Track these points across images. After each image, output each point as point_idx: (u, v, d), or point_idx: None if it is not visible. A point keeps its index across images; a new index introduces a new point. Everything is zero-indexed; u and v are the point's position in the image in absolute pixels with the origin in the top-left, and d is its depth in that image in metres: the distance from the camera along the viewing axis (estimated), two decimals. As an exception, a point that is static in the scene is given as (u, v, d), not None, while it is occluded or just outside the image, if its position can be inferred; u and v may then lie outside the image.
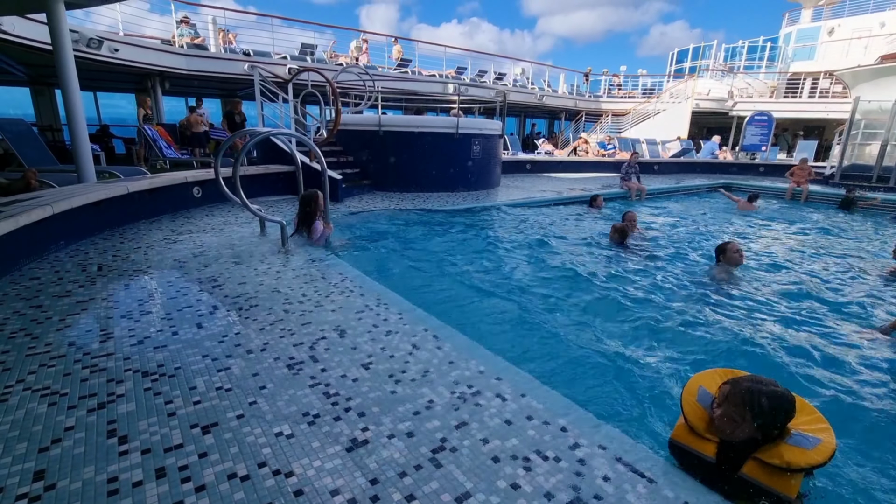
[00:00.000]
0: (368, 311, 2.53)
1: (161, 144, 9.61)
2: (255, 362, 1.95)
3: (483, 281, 4.35)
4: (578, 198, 8.32)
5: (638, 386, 2.71)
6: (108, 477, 1.30)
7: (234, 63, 11.83)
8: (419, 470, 1.37)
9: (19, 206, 3.17)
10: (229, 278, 2.99)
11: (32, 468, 1.32)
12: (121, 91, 14.83)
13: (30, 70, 11.12)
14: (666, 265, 4.87)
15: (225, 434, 1.49)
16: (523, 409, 1.69)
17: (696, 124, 19.54)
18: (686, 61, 23.01)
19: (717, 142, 16.31)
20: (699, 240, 6.19)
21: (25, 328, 2.18)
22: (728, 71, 20.91)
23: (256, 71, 6.85)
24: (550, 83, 19.99)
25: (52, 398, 1.65)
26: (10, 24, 7.35)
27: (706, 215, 8.16)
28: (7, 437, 1.44)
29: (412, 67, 15.83)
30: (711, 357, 3.02)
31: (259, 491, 1.27)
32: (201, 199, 5.44)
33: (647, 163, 14.17)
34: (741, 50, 22.43)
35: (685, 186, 10.87)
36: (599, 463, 1.43)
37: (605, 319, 3.55)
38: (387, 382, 1.83)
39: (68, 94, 5.06)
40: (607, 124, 19.69)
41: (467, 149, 7.95)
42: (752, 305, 3.79)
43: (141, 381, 1.78)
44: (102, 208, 3.99)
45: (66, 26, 4.97)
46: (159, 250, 3.58)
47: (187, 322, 2.31)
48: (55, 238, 3.47)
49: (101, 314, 2.38)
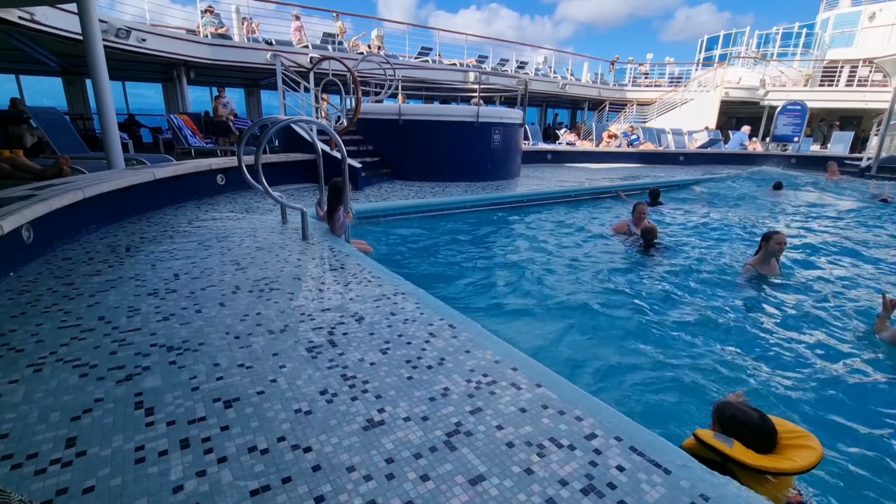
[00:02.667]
0: (386, 299, 2.55)
1: (186, 133, 9.82)
2: (275, 342, 1.99)
3: (500, 272, 4.34)
4: (601, 189, 8.18)
5: (654, 379, 2.67)
6: (135, 445, 1.35)
7: (256, 52, 11.96)
8: (434, 452, 1.39)
9: (52, 191, 3.29)
10: (251, 262, 3.05)
11: (65, 435, 1.38)
12: (147, 81, 15.17)
13: (62, 60, 11.47)
14: (684, 258, 4.77)
15: (246, 409, 1.54)
16: (538, 399, 1.68)
17: (724, 114, 18.92)
18: (716, 48, 22.24)
19: (746, 132, 15.74)
20: (712, 233, 6.01)
21: (58, 304, 2.27)
22: (760, 58, 20.11)
23: (279, 60, 6.90)
24: (573, 71, 19.60)
25: (82, 370, 1.72)
26: (42, 15, 7.57)
27: (723, 205, 7.92)
28: (41, 405, 1.51)
29: (433, 56, 15.71)
30: (728, 356, 2.95)
31: (278, 464, 1.31)
32: (225, 186, 5.55)
33: (672, 153, 13.83)
34: (775, 36, 21.54)
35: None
36: (614, 453, 1.42)
37: (622, 313, 3.51)
38: (403, 367, 1.85)
39: (98, 83, 5.20)
40: (632, 114, 19.22)
41: (487, 138, 7.88)
42: (785, 302, 3.68)
43: (166, 355, 1.84)
44: (130, 194, 4.11)
45: (96, 16, 5.10)
46: (184, 234, 3.68)
47: (211, 301, 2.37)
48: (86, 221, 3.59)
49: (129, 292, 2.46)
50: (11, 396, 1.55)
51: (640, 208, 5.33)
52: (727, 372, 2.73)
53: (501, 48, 18.06)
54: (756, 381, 2.64)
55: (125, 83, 15.17)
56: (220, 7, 12.36)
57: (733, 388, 2.63)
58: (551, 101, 21.28)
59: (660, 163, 13.23)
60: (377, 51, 14.24)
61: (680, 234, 5.88)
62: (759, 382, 2.63)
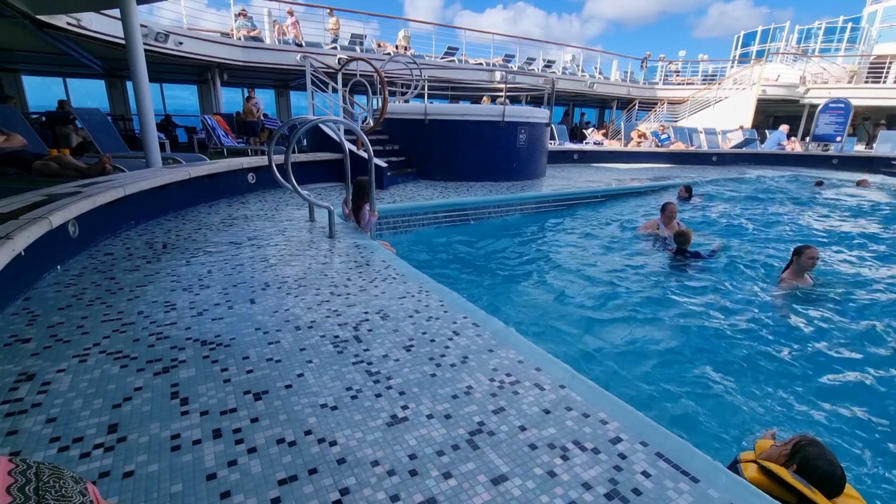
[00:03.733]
0: (410, 297, 2.57)
1: (219, 133, 10.14)
2: (302, 338, 2.04)
3: (525, 272, 4.31)
4: (628, 189, 8.02)
5: (682, 387, 2.61)
6: (171, 434, 1.41)
7: (287, 54, 12.23)
8: (456, 450, 1.40)
9: (96, 188, 3.46)
10: (280, 259, 3.13)
11: (107, 421, 1.46)
12: (183, 83, 15.75)
13: (105, 63, 12.02)
14: (715, 263, 4.62)
15: (274, 402, 1.58)
16: (562, 400, 1.67)
17: (761, 113, 18.23)
18: (753, 45, 21.45)
19: (784, 131, 15.10)
20: (745, 234, 5.79)
21: (101, 297, 2.39)
22: (801, 55, 19.26)
23: (308, 61, 7.05)
24: (602, 70, 19.24)
25: (123, 361, 1.80)
26: (88, 21, 7.96)
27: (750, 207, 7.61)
28: (86, 393, 1.60)
29: (459, 55, 15.71)
30: (763, 371, 2.85)
31: (305, 456, 1.35)
32: (255, 184, 5.70)
33: (704, 153, 13.41)
34: (817, 31, 20.61)
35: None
36: (640, 458, 1.40)
37: (649, 317, 3.43)
38: (427, 365, 1.87)
39: (138, 85, 5.43)
40: (662, 113, 18.73)
41: (513, 137, 7.84)
42: (823, 316, 3.53)
43: (200, 349, 1.91)
44: (167, 191, 4.28)
45: (137, 21, 5.32)
46: (217, 231, 3.81)
47: (241, 297, 2.45)
48: (126, 218, 3.76)
49: (166, 287, 2.57)
50: (59, 384, 1.64)
51: (670, 208, 5.15)
52: (760, 388, 2.64)
53: (528, 47, 17.90)
54: (794, 400, 2.53)
55: (162, 85, 15.80)
56: (253, 10, 12.70)
57: (764, 402, 2.55)
58: (578, 100, 20.96)
59: (691, 163, 12.85)
60: (404, 51, 14.35)
61: (710, 235, 5.71)
62: (796, 401, 2.53)
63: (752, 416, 2.38)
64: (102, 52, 10.04)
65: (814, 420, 2.38)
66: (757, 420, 2.36)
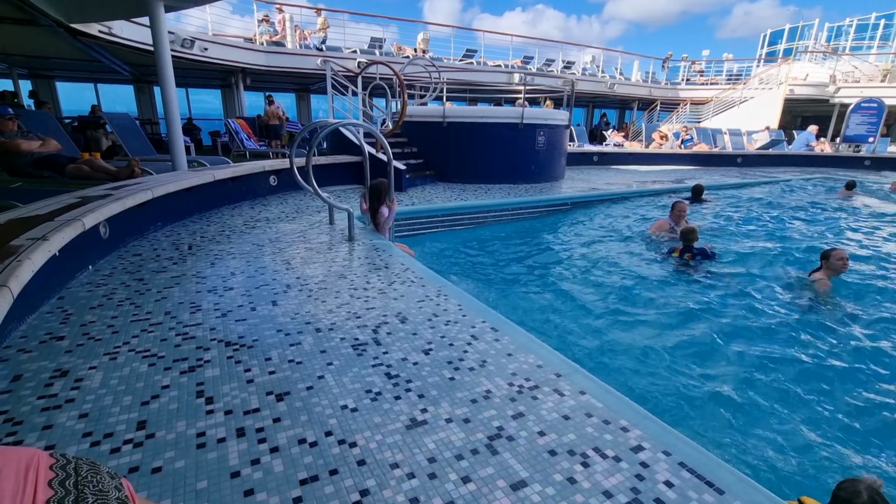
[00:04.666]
0: (429, 300, 2.58)
1: (242, 136, 10.36)
2: (323, 340, 2.07)
3: (544, 277, 4.28)
4: (648, 192, 7.88)
5: (704, 394, 2.55)
6: (196, 432, 1.45)
7: (308, 58, 12.43)
8: (475, 454, 1.40)
9: (126, 191, 3.58)
10: (301, 262, 3.18)
11: (136, 418, 1.50)
12: (207, 87, 16.16)
13: (134, 69, 12.42)
14: (737, 267, 4.50)
15: (296, 403, 1.61)
16: (582, 407, 1.65)
17: (788, 113, 17.72)
18: (780, 43, 20.88)
19: (813, 132, 14.63)
20: (763, 238, 5.61)
21: (130, 298, 2.47)
22: (831, 53, 18.66)
23: (328, 65, 7.15)
24: (623, 71, 19.00)
25: (151, 360, 1.86)
26: (119, 28, 8.24)
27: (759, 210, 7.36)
28: (116, 390, 1.65)
29: (477, 58, 15.72)
30: (791, 378, 2.77)
31: (325, 457, 1.36)
32: (276, 186, 5.81)
33: (729, 154, 13.11)
34: (848, 29, 19.94)
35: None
36: (662, 467, 1.37)
37: (673, 323, 3.37)
38: (445, 369, 1.87)
39: (166, 90, 5.59)
40: (685, 113, 18.37)
41: (531, 140, 7.80)
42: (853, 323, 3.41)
43: (224, 349, 1.96)
44: (192, 194, 4.39)
45: (165, 28, 5.48)
46: (240, 234, 3.89)
47: (264, 299, 2.50)
48: (154, 219, 3.88)
49: (192, 288, 2.64)
50: (91, 381, 1.70)
51: (679, 206, 5.13)
52: (796, 400, 2.56)
53: (547, 49, 17.80)
54: (829, 414, 2.44)
55: (188, 90, 16.23)
56: (276, 16, 12.95)
57: (799, 414, 2.47)
58: (598, 101, 20.74)
59: (715, 165, 12.57)
60: (422, 54, 14.43)
61: (727, 237, 5.56)
62: (832, 415, 2.44)
63: (784, 429, 2.31)
64: (131, 58, 10.37)
65: (856, 444, 2.29)
66: (789, 435, 2.28)
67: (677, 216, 5.11)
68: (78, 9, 6.50)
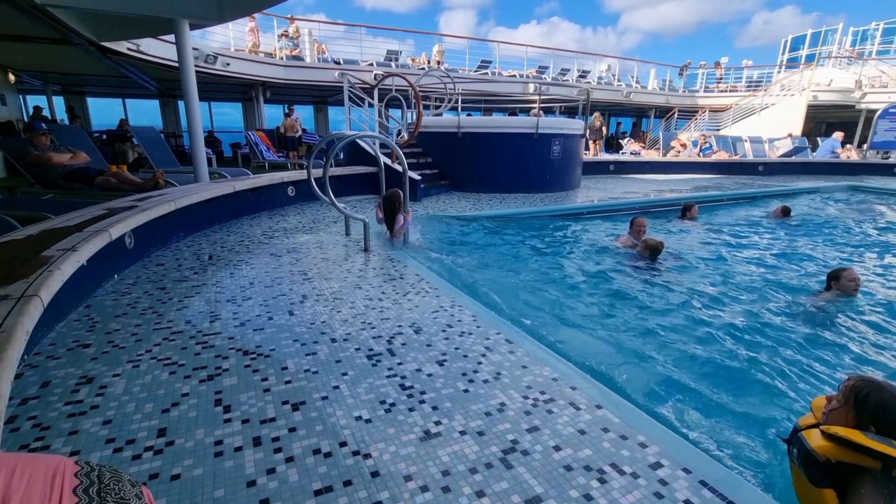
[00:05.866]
0: (443, 311, 2.59)
1: (262, 148, 10.61)
2: (338, 350, 2.09)
3: (559, 288, 4.24)
4: (666, 201, 7.77)
5: (728, 410, 2.48)
6: (214, 440, 1.48)
7: (326, 71, 12.70)
8: (489, 468, 1.39)
9: (151, 202, 3.69)
10: (317, 272, 3.23)
11: (157, 425, 1.54)
12: (229, 101, 16.62)
13: (160, 85, 12.86)
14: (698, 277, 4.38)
15: (311, 413, 1.62)
16: (598, 421, 1.63)
17: (812, 119, 17.33)
18: (802, 48, 20.47)
19: (839, 139, 14.23)
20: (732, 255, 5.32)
21: (153, 307, 2.54)
22: (856, 57, 18.21)
23: (346, 78, 7.29)
24: (639, 79, 18.88)
25: (171, 367, 1.90)
26: (146, 46, 8.57)
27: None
28: (138, 397, 1.69)
29: (492, 69, 15.83)
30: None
31: (340, 468, 1.37)
32: (294, 197, 5.92)
33: (749, 163, 12.85)
34: (874, 33, 19.45)
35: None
36: (681, 485, 1.34)
37: (693, 337, 3.29)
38: (459, 380, 1.87)
39: (189, 104, 5.78)
40: (703, 121, 18.11)
41: (547, 149, 7.79)
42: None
43: (242, 358, 1.99)
44: (214, 204, 4.51)
45: (190, 44, 5.69)
46: (258, 244, 3.97)
47: (281, 309, 2.54)
48: (176, 230, 3.99)
49: (211, 298, 2.69)
50: (115, 388, 1.75)
51: (638, 221, 5.05)
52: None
53: (562, 59, 17.81)
54: None
55: (210, 103, 16.72)
56: (290, 27, 13.28)
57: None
58: (614, 109, 20.62)
59: (735, 173, 12.33)
60: (437, 65, 14.60)
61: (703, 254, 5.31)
62: None
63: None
64: (158, 73, 10.76)
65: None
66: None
67: (637, 231, 5.06)
68: (109, 28, 6.79)
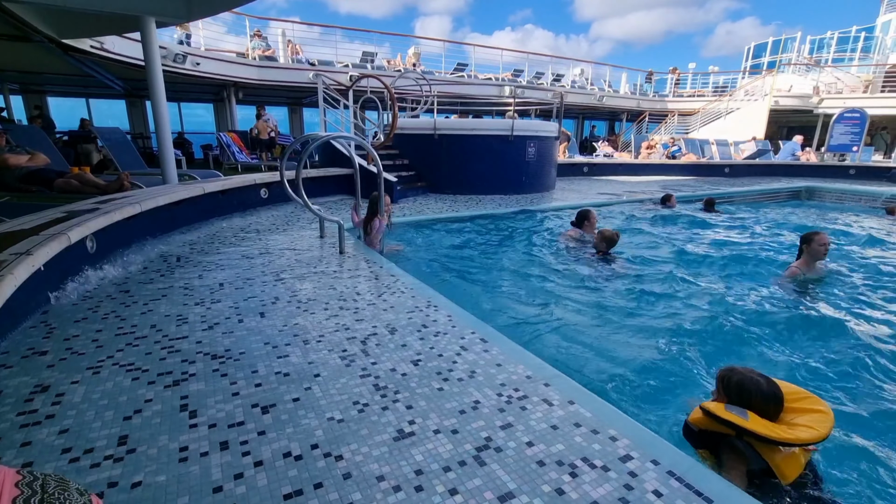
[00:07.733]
0: (419, 311, 2.58)
1: (234, 150, 10.37)
2: (310, 352, 2.05)
3: (534, 288, 4.28)
4: (642, 201, 7.96)
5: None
6: (179, 446, 1.43)
7: (300, 72, 12.52)
8: (463, 466, 1.38)
9: (114, 204, 3.56)
10: (290, 274, 3.17)
11: (118, 433, 1.48)
12: (200, 101, 16.18)
13: (126, 84, 12.42)
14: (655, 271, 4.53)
15: (282, 415, 1.59)
16: (571, 416, 1.65)
17: (774, 123, 18.04)
18: (764, 56, 21.34)
19: (799, 142, 14.90)
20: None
21: (115, 311, 2.44)
22: (814, 65, 19.10)
23: (320, 79, 7.21)
24: (611, 84, 19.32)
25: (134, 374, 1.83)
26: (111, 44, 8.26)
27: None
28: (98, 404, 1.62)
29: (468, 72, 15.92)
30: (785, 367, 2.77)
31: (311, 470, 1.34)
32: (268, 199, 5.80)
33: (716, 165, 13.30)
34: (829, 41, 20.44)
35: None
36: (651, 476, 1.37)
37: (662, 331, 3.37)
38: (434, 380, 1.86)
39: (157, 105, 5.59)
40: (673, 125, 18.66)
41: (522, 151, 7.88)
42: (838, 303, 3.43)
43: (210, 363, 1.93)
44: (182, 207, 4.37)
45: (157, 43, 5.51)
46: (230, 245, 3.87)
47: (252, 311, 2.48)
48: (143, 233, 3.85)
49: (178, 301, 2.61)
50: (73, 395, 1.67)
51: (591, 214, 5.24)
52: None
53: (536, 63, 18.05)
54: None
55: (180, 104, 16.24)
56: (268, 31, 13.08)
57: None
58: (588, 113, 21.02)
59: (703, 175, 12.74)
60: (413, 68, 14.59)
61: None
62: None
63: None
64: (123, 73, 10.39)
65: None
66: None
67: (591, 224, 5.22)
68: (70, 25, 6.52)
